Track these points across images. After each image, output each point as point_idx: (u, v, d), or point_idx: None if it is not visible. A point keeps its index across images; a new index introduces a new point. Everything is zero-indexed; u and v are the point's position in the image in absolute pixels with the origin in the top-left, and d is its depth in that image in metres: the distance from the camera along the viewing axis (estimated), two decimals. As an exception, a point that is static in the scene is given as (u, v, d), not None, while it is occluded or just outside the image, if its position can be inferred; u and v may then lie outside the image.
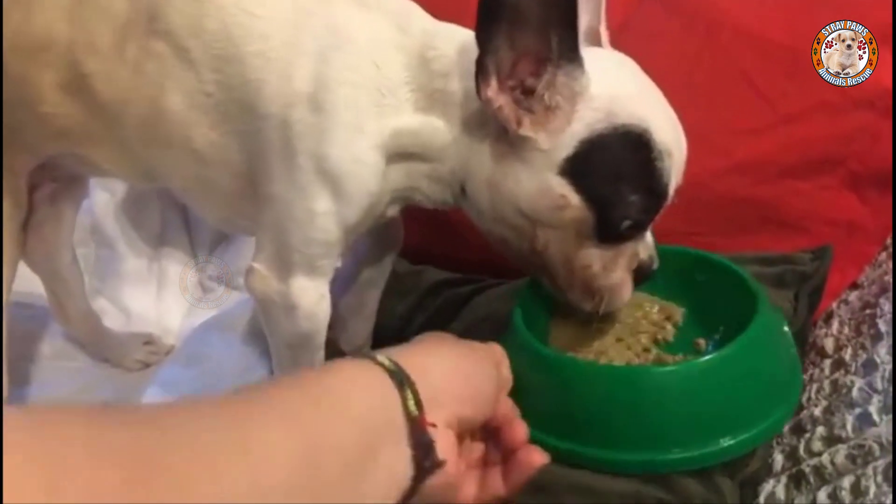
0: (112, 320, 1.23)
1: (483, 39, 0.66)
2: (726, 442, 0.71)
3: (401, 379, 0.56)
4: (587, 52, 0.70)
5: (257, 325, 1.06)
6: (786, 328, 0.82)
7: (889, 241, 1.05)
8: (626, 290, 0.77)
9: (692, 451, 0.71)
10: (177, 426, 0.43)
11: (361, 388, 0.55)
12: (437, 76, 0.75)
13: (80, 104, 0.83)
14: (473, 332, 0.97)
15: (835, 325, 0.98)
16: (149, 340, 1.20)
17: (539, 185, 0.71)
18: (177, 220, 1.35)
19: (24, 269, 1.03)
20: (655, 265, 0.78)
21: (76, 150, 0.88)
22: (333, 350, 0.87)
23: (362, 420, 0.52)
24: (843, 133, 1.02)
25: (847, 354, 0.90)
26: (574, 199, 0.71)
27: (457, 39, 0.76)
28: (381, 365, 0.56)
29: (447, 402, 0.59)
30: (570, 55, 0.68)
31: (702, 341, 0.83)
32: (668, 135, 0.72)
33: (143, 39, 0.79)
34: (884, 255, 1.04)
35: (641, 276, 0.78)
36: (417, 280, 1.15)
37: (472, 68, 0.71)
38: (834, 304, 1.03)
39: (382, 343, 1.03)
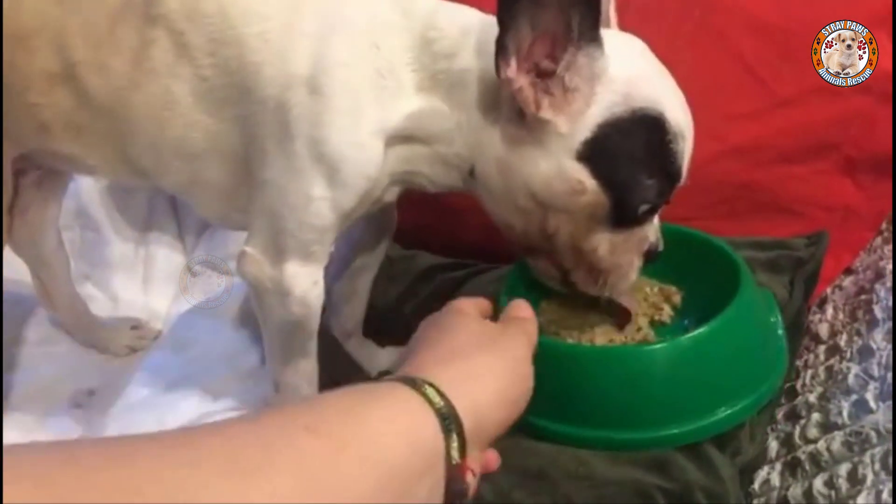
0: (99, 305, 1.21)
1: (505, 18, 0.65)
2: (712, 417, 0.73)
3: (449, 424, 0.51)
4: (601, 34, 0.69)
5: (248, 310, 1.05)
6: (774, 307, 0.83)
7: (884, 226, 1.04)
8: (633, 273, 0.77)
9: (677, 429, 0.73)
10: (170, 477, 0.39)
11: (401, 429, 0.50)
12: (440, 57, 0.74)
13: (69, 94, 0.80)
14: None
15: (829, 310, 0.98)
16: (136, 325, 1.18)
17: (555, 169, 0.70)
18: (164, 203, 1.33)
19: (8, 254, 1.01)
20: (661, 248, 0.78)
21: (61, 148, 0.85)
22: (324, 334, 0.86)
23: (395, 468, 0.48)
24: (840, 117, 1.01)
25: (842, 340, 0.90)
26: (591, 184, 0.70)
27: (459, 19, 0.74)
28: (430, 401, 0.52)
29: (487, 432, 0.56)
30: (591, 35, 0.67)
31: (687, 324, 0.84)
32: (681, 116, 0.72)
33: (139, 26, 0.77)
34: (878, 241, 1.03)
35: (647, 259, 0.78)
36: (409, 264, 1.14)
37: (479, 48, 0.71)
38: (828, 290, 1.03)
39: (372, 327, 1.03)
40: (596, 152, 0.70)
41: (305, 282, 0.78)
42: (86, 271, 1.26)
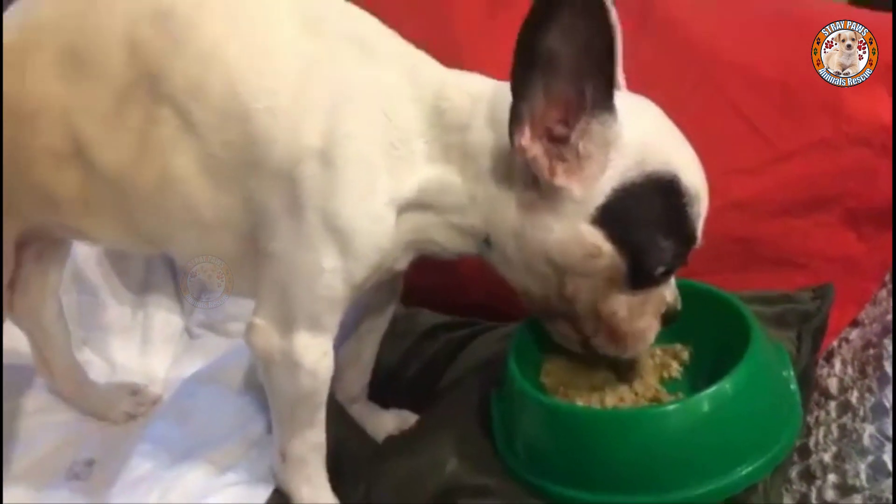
0: (96, 371, 1.19)
1: (518, 87, 0.65)
2: (731, 477, 0.72)
3: None
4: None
5: (251, 376, 1.03)
6: (787, 360, 0.82)
7: (888, 277, 1.04)
8: (652, 335, 0.78)
9: (694, 490, 0.71)
10: None
11: None
12: (452, 129, 0.74)
13: (77, 170, 0.80)
14: (471, 377, 0.96)
15: (837, 364, 0.97)
16: (135, 391, 1.16)
17: (571, 234, 0.70)
18: (162, 264, 1.31)
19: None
20: (679, 307, 0.78)
21: (68, 222, 0.85)
22: (329, 399, 0.85)
23: None
24: (840, 170, 1.02)
25: (853, 397, 0.89)
26: (607, 247, 0.70)
27: (467, 88, 0.75)
28: None
29: None
30: (605, 104, 0.67)
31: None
32: (696, 178, 0.72)
33: (146, 104, 0.76)
34: (884, 293, 1.03)
35: (668, 320, 0.78)
36: (412, 323, 1.12)
37: (491, 118, 0.71)
38: (835, 343, 1.02)
39: (376, 388, 1.01)
40: (611, 217, 0.70)
41: (316, 353, 0.77)
42: (83, 336, 1.24)
